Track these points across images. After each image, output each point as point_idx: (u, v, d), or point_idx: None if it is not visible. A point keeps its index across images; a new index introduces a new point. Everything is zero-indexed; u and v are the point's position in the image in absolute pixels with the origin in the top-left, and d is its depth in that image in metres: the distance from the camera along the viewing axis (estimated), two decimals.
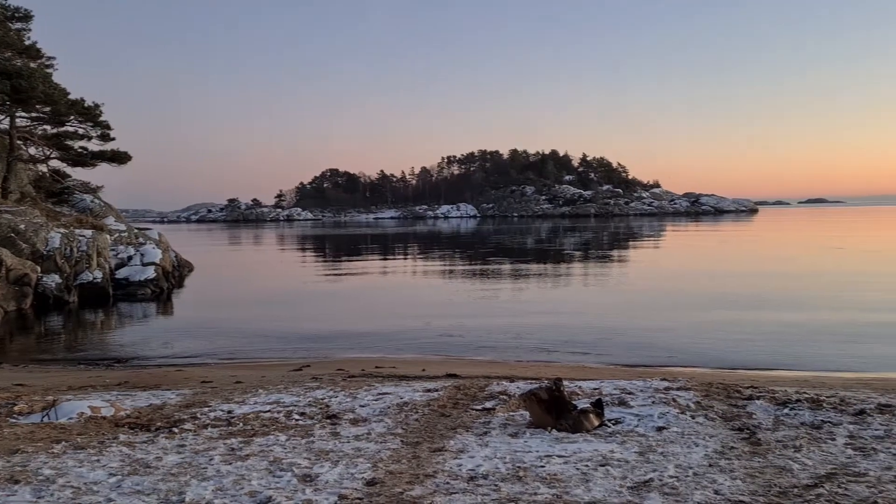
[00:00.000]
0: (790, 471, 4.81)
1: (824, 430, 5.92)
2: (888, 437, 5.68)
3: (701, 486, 4.51)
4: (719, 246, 45.46)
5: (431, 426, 6.20)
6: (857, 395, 7.27)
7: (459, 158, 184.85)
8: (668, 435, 5.76)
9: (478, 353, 12.65)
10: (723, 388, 7.58)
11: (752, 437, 5.68)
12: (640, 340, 13.47)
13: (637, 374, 9.40)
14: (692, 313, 16.85)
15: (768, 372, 10.63)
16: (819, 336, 13.56)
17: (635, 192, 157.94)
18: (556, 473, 4.79)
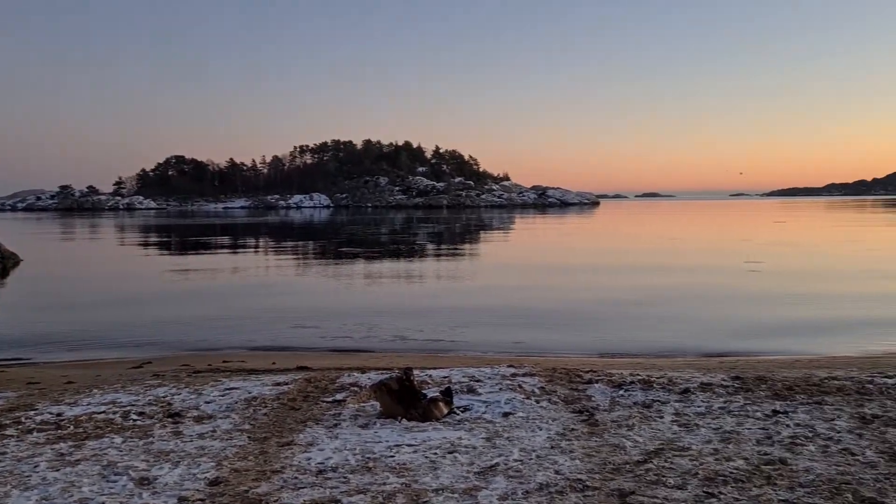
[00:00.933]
0: (623, 448, 5.13)
1: (654, 408, 6.36)
2: (709, 412, 6.19)
3: (543, 467, 4.71)
4: (566, 236, 47.63)
5: (280, 420, 6.07)
6: (682, 375, 7.86)
7: (312, 148, 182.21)
8: (514, 420, 5.97)
9: (331, 345, 12.53)
10: (565, 373, 7.94)
11: (590, 419, 6.00)
12: (490, 328, 13.85)
13: (486, 361, 9.66)
14: (541, 301, 17.53)
15: (607, 356, 11.25)
16: (657, 322, 14.52)
17: (486, 184, 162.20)
18: (406, 462, 4.84)
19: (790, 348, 11.64)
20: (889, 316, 14.86)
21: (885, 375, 7.73)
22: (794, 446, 5.16)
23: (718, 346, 11.94)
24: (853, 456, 4.93)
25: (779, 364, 9.81)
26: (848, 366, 9.09)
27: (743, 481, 4.42)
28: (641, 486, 4.34)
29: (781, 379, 7.63)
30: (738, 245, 37.16)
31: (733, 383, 7.38)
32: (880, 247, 35.85)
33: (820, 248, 36.11)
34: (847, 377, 7.71)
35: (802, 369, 8.71)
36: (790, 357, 10.72)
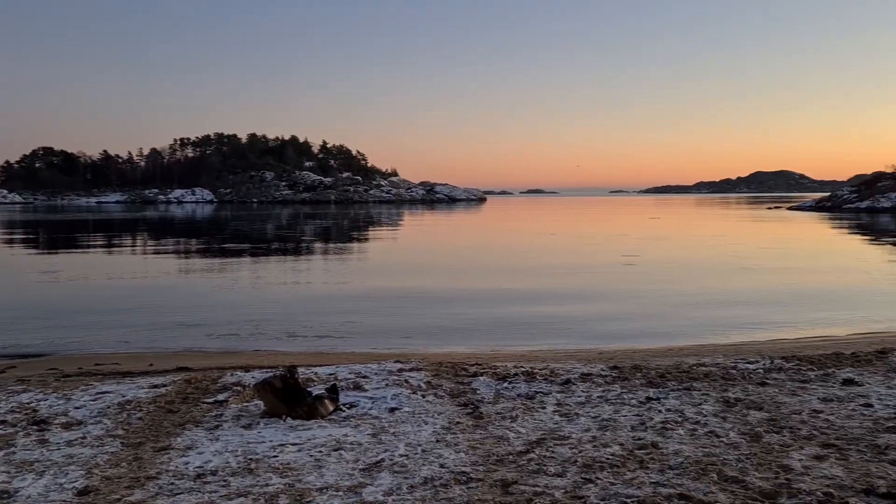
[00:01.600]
0: (507, 439, 5.24)
1: (537, 399, 6.53)
2: (588, 402, 6.41)
3: (428, 461, 4.74)
4: (454, 232, 48.14)
5: (157, 424, 5.82)
6: (564, 367, 8.11)
7: (194, 141, 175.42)
8: (400, 415, 5.98)
9: (214, 344, 12.12)
10: (451, 367, 8.03)
11: (475, 412, 6.10)
12: (379, 324, 13.82)
13: (373, 357, 9.63)
14: (429, 295, 17.63)
15: (493, 349, 11.45)
16: (537, 314, 14.91)
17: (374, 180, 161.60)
18: (290, 462, 4.75)
19: (663, 338, 12.24)
20: (749, 306, 15.89)
21: (747, 361, 8.26)
22: (665, 431, 5.43)
23: (598, 337, 12.40)
24: (718, 438, 5.24)
25: (653, 353, 10.30)
26: (714, 353, 9.66)
27: (618, 466, 4.61)
28: (524, 476, 4.44)
29: (655, 367, 8.01)
30: (616, 240, 38.76)
31: (611, 373, 7.68)
32: (742, 241, 38.31)
33: (689, 242, 38.20)
34: (713, 364, 8.19)
35: (674, 357, 9.19)
36: (663, 346, 11.28)
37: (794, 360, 8.34)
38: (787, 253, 31.19)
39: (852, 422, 5.63)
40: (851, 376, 7.30)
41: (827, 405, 6.19)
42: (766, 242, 37.69)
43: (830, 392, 6.67)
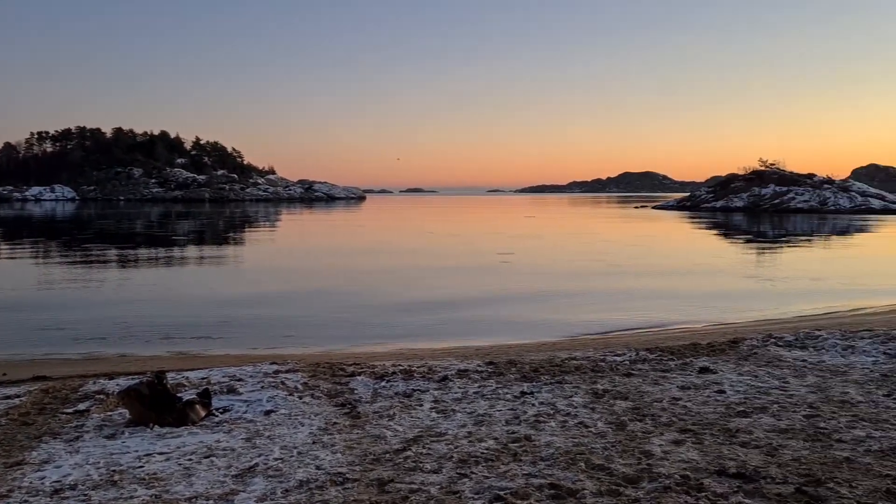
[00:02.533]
0: (384, 438, 5.24)
1: (414, 397, 6.57)
2: (465, 398, 6.52)
3: (304, 464, 4.67)
4: (334, 230, 47.60)
5: (9, 438, 5.42)
6: (441, 364, 8.20)
7: (54, 135, 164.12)
8: (276, 418, 5.85)
9: (77, 350, 11.41)
10: (329, 367, 7.94)
11: (353, 411, 6.06)
12: (255, 326, 13.46)
13: (249, 359, 9.37)
14: (310, 295, 17.36)
15: (371, 348, 11.42)
16: (416, 313, 15.00)
17: (251, 177, 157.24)
18: (157, 472, 4.55)
19: (537, 333, 12.61)
20: (617, 300, 16.65)
21: (615, 353, 8.65)
22: (538, 423, 5.60)
23: (474, 335, 12.62)
24: (587, 428, 5.46)
25: (527, 348, 10.60)
26: (585, 347, 10.06)
27: (493, 460, 4.72)
28: (400, 474, 4.46)
29: (529, 362, 8.24)
30: (493, 238, 39.59)
31: (487, 368, 7.83)
32: (612, 238, 40.10)
33: (563, 240, 39.57)
34: (584, 357, 8.51)
35: (548, 352, 9.50)
36: (537, 341, 11.63)
37: (657, 351, 8.81)
38: (652, 250, 32.92)
39: (707, 408, 6.01)
40: (707, 365, 7.79)
41: (685, 392, 6.57)
42: (634, 240, 39.61)
43: (688, 380, 7.09)
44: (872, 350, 8.40)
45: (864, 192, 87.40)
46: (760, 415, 5.77)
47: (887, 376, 7.11)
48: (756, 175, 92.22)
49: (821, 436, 5.16)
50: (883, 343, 8.70)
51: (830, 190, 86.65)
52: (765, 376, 7.22)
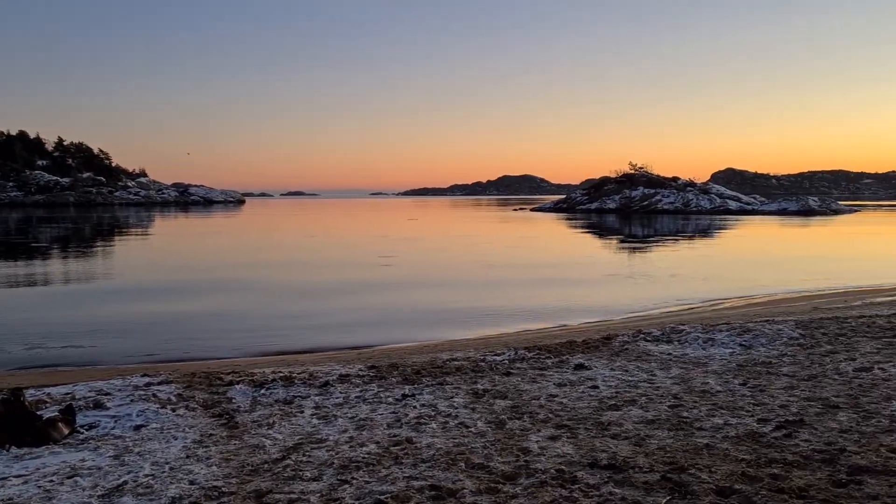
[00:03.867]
0: (263, 448, 5.12)
1: (295, 404, 6.45)
2: (346, 403, 6.46)
3: (177, 479, 4.48)
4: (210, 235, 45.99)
5: None
6: (323, 369, 8.10)
7: None
8: (147, 432, 5.59)
9: None
10: (205, 377, 7.66)
11: (230, 422, 5.88)
12: (125, 337, 12.80)
13: (118, 372, 8.90)
14: (178, 304, 16.69)
15: (251, 356, 11.13)
16: (300, 318, 14.74)
17: (120, 180, 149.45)
18: (13, 497, 4.24)
19: (420, 335, 12.69)
20: (498, 301, 17.02)
21: (495, 353, 8.82)
22: (419, 426, 5.64)
23: (357, 339, 12.55)
24: (467, 428, 5.55)
25: (409, 351, 10.65)
26: (466, 347, 10.21)
27: (374, 464, 4.71)
28: (279, 484, 4.37)
29: (411, 364, 8.28)
30: (374, 241, 39.51)
31: (369, 372, 7.80)
32: (492, 240, 40.93)
33: (444, 242, 40.02)
34: (465, 358, 8.64)
35: (429, 354, 9.57)
36: (419, 343, 11.70)
37: (535, 349, 9.05)
38: (531, 251, 33.84)
39: (582, 403, 6.25)
40: (582, 362, 8.08)
41: (561, 389, 6.80)
42: (514, 241, 40.58)
43: (564, 377, 7.34)
44: (730, 342, 8.99)
45: (722, 194, 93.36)
46: (630, 407, 6.05)
47: (742, 366, 7.63)
48: (627, 178, 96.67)
49: (684, 425, 5.48)
50: (739, 335, 9.32)
51: (693, 192, 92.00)
52: (634, 370, 7.58)
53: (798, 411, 5.77)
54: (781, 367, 7.50)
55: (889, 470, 4.39)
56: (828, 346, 8.53)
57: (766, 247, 37.27)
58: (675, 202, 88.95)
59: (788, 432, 5.20)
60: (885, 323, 10.10)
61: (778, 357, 8.05)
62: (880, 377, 6.90)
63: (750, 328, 9.78)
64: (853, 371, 7.19)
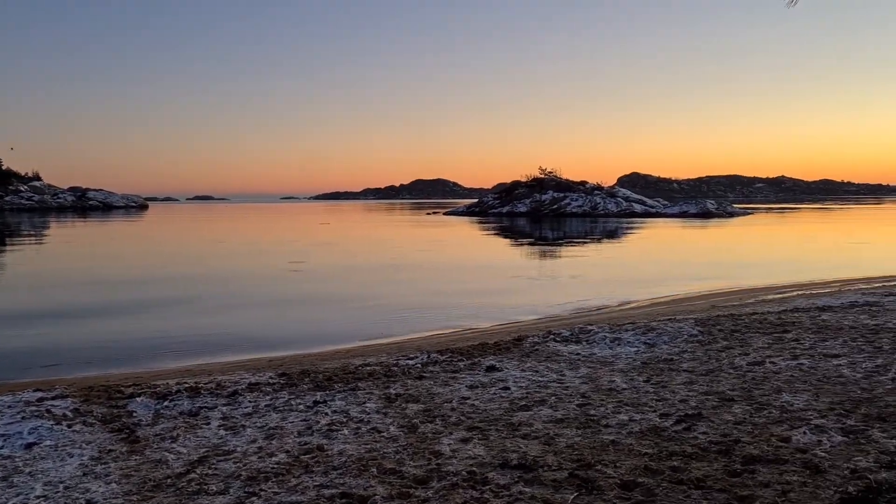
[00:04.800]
0: (166, 462, 4.94)
1: (201, 415, 6.26)
2: (255, 412, 6.32)
3: (72, 498, 4.28)
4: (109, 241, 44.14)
5: None
6: (231, 378, 7.89)
7: None
8: (40, 451, 5.31)
9: None
10: (104, 391, 7.34)
11: (131, 436, 5.65)
12: (17, 349, 12.12)
13: (7, 387, 8.41)
14: (83, 314, 15.93)
15: (154, 367, 10.74)
16: (204, 326, 14.31)
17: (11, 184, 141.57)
18: None
19: (332, 341, 12.55)
20: (410, 305, 17.03)
21: (408, 357, 8.82)
22: (331, 433, 5.57)
23: (268, 346, 12.30)
24: (379, 433, 5.52)
25: (322, 357, 10.52)
26: (379, 352, 10.16)
27: (284, 474, 4.62)
28: (182, 499, 4.23)
29: (323, 370, 8.18)
30: (284, 246, 38.87)
31: (280, 380, 7.66)
32: (405, 244, 40.94)
33: (357, 246, 39.77)
34: (378, 363, 8.60)
35: (341, 359, 9.48)
36: (331, 349, 11.58)
37: (447, 352, 9.10)
38: (443, 254, 34.03)
39: (493, 404, 6.32)
40: (494, 363, 8.19)
41: (473, 391, 6.86)
42: (426, 245, 40.72)
43: (477, 379, 7.41)
44: (635, 341, 9.29)
45: (628, 198, 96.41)
46: (540, 407, 6.16)
47: (646, 364, 7.90)
48: (537, 182, 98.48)
49: (591, 422, 5.62)
50: (643, 334, 9.65)
51: (600, 196, 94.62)
52: (544, 370, 7.72)
53: (697, 405, 6.02)
54: (682, 364, 7.81)
55: (779, 458, 4.63)
56: (724, 342, 8.94)
57: (669, 248, 38.73)
58: (583, 205, 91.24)
59: (688, 426, 5.42)
60: (775, 319, 10.67)
61: (679, 354, 8.38)
62: (771, 370, 7.28)
63: (654, 327, 10.13)
64: (747, 365, 7.56)
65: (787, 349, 8.34)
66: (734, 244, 40.69)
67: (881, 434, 5.08)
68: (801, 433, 5.15)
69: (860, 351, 8.09)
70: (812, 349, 8.31)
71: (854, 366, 7.35)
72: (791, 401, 6.07)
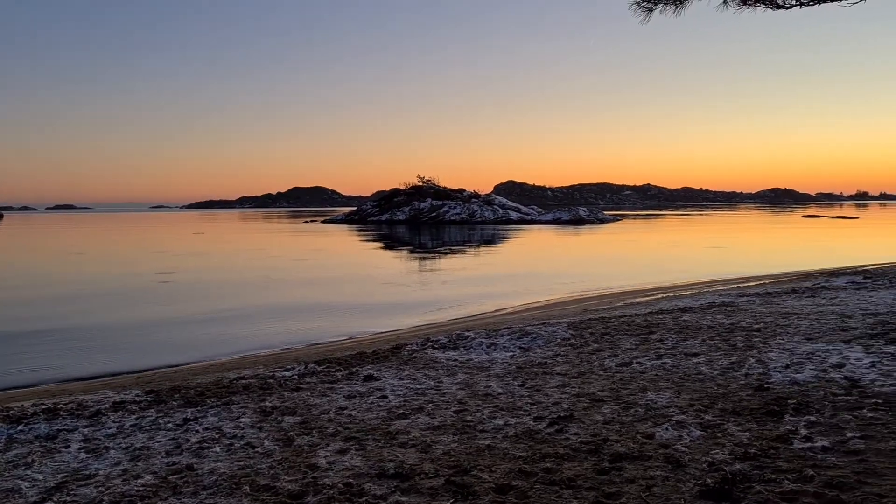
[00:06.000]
0: (19, 491, 4.60)
1: (59, 438, 5.88)
2: (120, 432, 6.00)
3: None
4: None
5: None
6: (94, 398, 7.46)
7: None
8: None
9: None
10: None
11: None
12: None
13: None
14: None
15: (8, 389, 9.99)
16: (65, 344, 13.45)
17: None
18: None
19: (205, 354, 12.11)
20: (285, 316, 16.70)
21: (285, 369, 8.64)
22: (202, 451, 5.37)
23: (135, 363, 11.71)
24: (254, 448, 5.37)
25: (194, 371, 10.12)
26: (255, 364, 9.89)
27: (150, 497, 4.41)
28: None
29: (195, 386, 7.87)
30: (154, 256, 37.17)
31: (147, 398, 7.31)
32: (280, 253, 40.11)
33: (231, 256, 38.60)
34: (253, 375, 8.37)
35: (215, 373, 9.16)
36: (205, 363, 11.17)
37: (325, 362, 8.99)
38: (321, 263, 33.60)
39: (371, 414, 6.29)
40: (372, 372, 8.15)
41: (351, 402, 6.80)
42: (304, 254, 40.06)
43: (354, 389, 7.35)
44: (511, 345, 9.52)
45: (504, 206, 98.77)
46: (418, 415, 6.19)
47: (522, 368, 8.11)
48: (415, 190, 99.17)
49: (468, 428, 5.70)
50: (518, 338, 9.90)
51: (477, 203, 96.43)
52: (422, 378, 7.77)
53: (569, 407, 6.23)
54: (555, 367, 8.07)
55: (644, 454, 4.87)
56: (595, 345, 9.31)
57: (544, 254, 39.95)
58: (461, 213, 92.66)
59: (560, 427, 5.61)
60: (641, 321, 11.22)
61: (553, 357, 8.65)
62: (637, 370, 7.66)
63: (528, 331, 10.41)
64: (615, 366, 7.92)
65: (653, 349, 8.79)
66: (605, 250, 42.50)
67: (735, 427, 5.44)
68: (663, 429, 5.44)
69: (717, 349, 8.64)
70: (674, 349, 8.80)
71: (711, 363, 7.84)
72: (655, 399, 6.40)
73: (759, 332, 9.61)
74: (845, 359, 7.58)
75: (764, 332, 9.58)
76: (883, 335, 8.78)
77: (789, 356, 7.91)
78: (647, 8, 9.26)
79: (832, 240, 49.20)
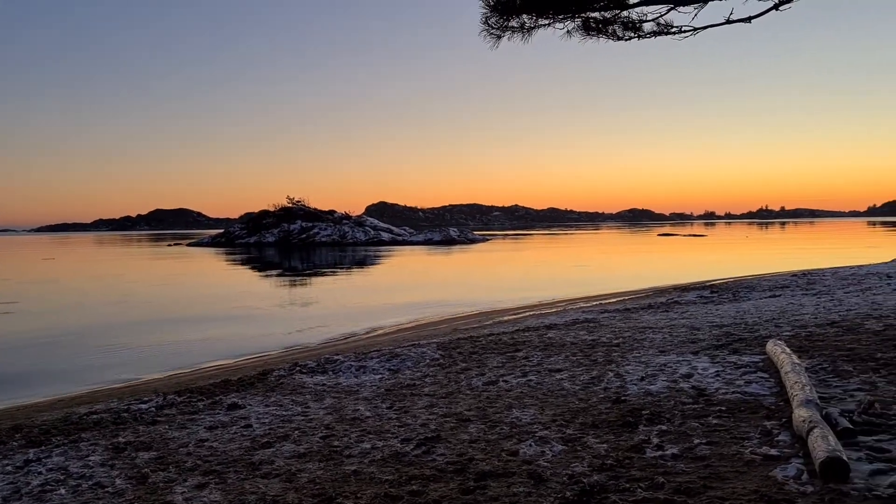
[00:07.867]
0: None
1: None
2: None
3: None
4: None
5: None
6: None
7: None
8: None
9: None
10: None
11: None
12: None
13: None
14: None
15: None
16: None
17: None
18: None
19: (51, 389, 11.28)
20: (144, 345, 15.87)
21: (141, 401, 8.18)
22: (44, 494, 4.98)
23: None
24: (103, 489, 5.03)
25: (39, 408, 9.41)
26: (108, 398, 9.31)
27: None
28: None
29: (40, 424, 7.31)
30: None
31: None
32: (140, 278, 38.15)
33: (84, 282, 36.31)
34: (106, 409, 7.87)
35: (64, 409, 8.54)
36: (52, 398, 10.41)
37: (186, 393, 8.58)
38: (183, 287, 32.24)
39: (233, 444, 6.06)
40: (236, 401, 7.86)
41: (213, 433, 6.52)
42: (165, 279, 38.30)
43: (217, 419, 7.06)
44: (380, 368, 9.46)
45: (375, 227, 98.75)
46: (283, 443, 6.02)
47: (390, 390, 8.07)
48: (285, 211, 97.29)
49: (334, 454, 5.60)
50: (388, 360, 9.87)
51: (349, 224, 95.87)
52: (289, 404, 7.58)
53: (436, 427, 6.26)
54: (424, 388, 8.09)
55: (508, 471, 4.96)
56: (463, 364, 9.42)
57: (415, 275, 40.20)
58: (332, 234, 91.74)
59: (427, 448, 5.61)
60: (508, 339, 11.48)
61: (421, 378, 8.68)
62: (504, 388, 7.81)
63: (398, 353, 10.40)
64: (482, 385, 8.04)
65: (518, 367, 9.00)
66: (475, 270, 43.31)
67: (595, 440, 5.65)
68: (527, 445, 5.56)
69: (579, 365, 8.96)
70: (539, 366, 9.04)
71: (574, 379, 8.11)
72: (520, 416, 6.54)
73: (619, 347, 10.06)
74: (693, 369, 8.07)
75: (622, 347, 10.04)
76: (727, 346, 9.43)
77: (644, 369, 8.32)
78: (496, 35, 9.60)
79: (684, 256, 52.57)
